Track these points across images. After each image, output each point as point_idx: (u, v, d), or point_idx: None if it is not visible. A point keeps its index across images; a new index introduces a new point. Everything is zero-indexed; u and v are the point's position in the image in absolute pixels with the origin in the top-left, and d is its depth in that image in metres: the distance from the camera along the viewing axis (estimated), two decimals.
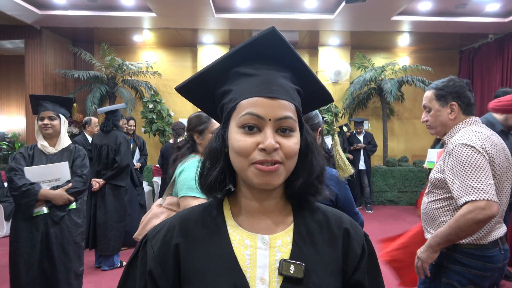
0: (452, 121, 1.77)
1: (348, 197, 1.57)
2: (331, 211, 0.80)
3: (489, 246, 1.63)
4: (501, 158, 1.65)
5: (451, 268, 1.65)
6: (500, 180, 1.64)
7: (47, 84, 7.07)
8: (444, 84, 1.79)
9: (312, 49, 8.06)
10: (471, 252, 1.62)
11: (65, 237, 2.57)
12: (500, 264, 1.65)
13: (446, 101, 1.77)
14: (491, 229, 1.63)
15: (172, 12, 5.89)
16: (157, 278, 0.71)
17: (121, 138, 3.96)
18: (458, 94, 1.75)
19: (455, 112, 1.76)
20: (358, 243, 0.76)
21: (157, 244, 0.73)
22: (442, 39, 7.38)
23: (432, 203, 1.75)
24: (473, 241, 1.62)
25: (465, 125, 1.74)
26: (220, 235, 0.72)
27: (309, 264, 0.70)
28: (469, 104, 1.76)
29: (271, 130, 0.67)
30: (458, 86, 1.76)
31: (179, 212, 0.80)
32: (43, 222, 2.51)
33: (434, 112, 1.81)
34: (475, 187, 1.52)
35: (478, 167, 1.55)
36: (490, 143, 1.62)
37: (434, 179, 1.74)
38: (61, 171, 2.61)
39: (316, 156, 0.75)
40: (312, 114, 1.55)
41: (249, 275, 0.68)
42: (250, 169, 0.68)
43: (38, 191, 2.47)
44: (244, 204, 0.75)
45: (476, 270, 1.61)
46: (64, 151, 2.68)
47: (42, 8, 6.00)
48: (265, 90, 0.68)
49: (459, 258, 1.63)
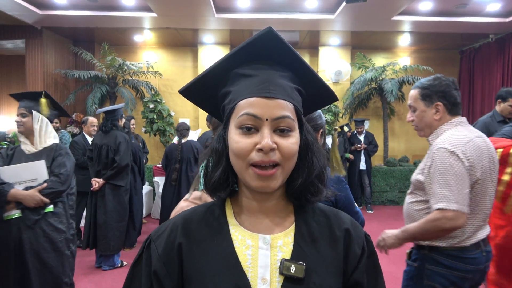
0: (437, 122, 1.73)
1: (348, 197, 1.57)
2: (332, 211, 0.80)
3: (470, 248, 1.62)
4: (484, 161, 1.62)
5: (433, 270, 1.64)
6: (482, 183, 1.62)
7: (48, 84, 7.08)
8: (429, 83, 1.75)
9: (312, 49, 8.06)
10: (452, 254, 1.61)
11: (40, 244, 2.31)
12: (481, 266, 1.64)
13: (432, 101, 1.73)
14: (473, 232, 1.62)
15: (173, 12, 5.90)
16: (162, 278, 0.71)
17: (121, 138, 3.95)
18: (443, 93, 1.71)
19: (440, 112, 1.72)
20: (358, 243, 0.76)
21: (161, 245, 0.73)
22: (442, 39, 7.37)
23: (413, 204, 1.74)
24: (454, 243, 1.61)
25: (450, 126, 1.71)
26: (222, 235, 0.72)
27: (310, 264, 0.70)
28: (455, 104, 1.72)
29: (268, 130, 0.67)
30: (444, 85, 1.71)
31: (182, 212, 0.80)
32: (16, 227, 2.27)
33: (419, 113, 1.77)
34: (447, 195, 1.53)
35: (454, 175, 1.54)
36: (473, 147, 1.59)
37: (415, 180, 1.73)
38: (38, 171, 2.38)
39: (316, 155, 0.75)
40: (314, 115, 1.55)
41: (250, 275, 0.69)
42: (248, 171, 0.68)
43: (8, 192, 2.23)
44: (246, 204, 0.75)
45: (458, 271, 1.60)
46: (45, 150, 2.46)
47: (42, 8, 6.01)
48: (262, 90, 0.68)
49: (440, 259, 1.62)
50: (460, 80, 8.27)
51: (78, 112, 7.69)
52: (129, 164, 4.02)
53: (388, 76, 7.39)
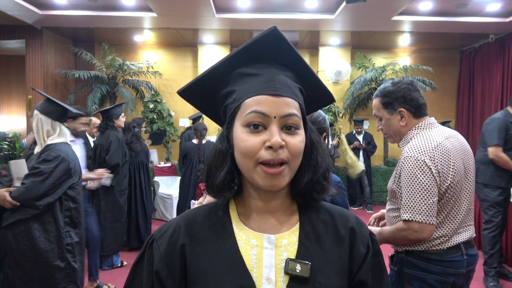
0: (404, 128, 1.69)
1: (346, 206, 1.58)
2: (337, 210, 0.80)
3: (449, 251, 1.58)
4: (457, 163, 1.57)
5: (411, 273, 1.61)
6: (456, 186, 1.57)
7: (48, 84, 7.07)
8: (388, 90, 1.70)
9: (312, 49, 8.05)
10: (430, 257, 1.58)
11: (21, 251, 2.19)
12: (462, 270, 1.58)
13: (394, 108, 1.68)
14: (451, 235, 1.58)
15: (173, 12, 5.89)
16: (164, 278, 0.71)
17: (112, 137, 3.96)
18: (404, 98, 1.66)
19: (405, 118, 1.67)
20: (363, 242, 0.76)
21: (163, 245, 0.73)
22: (442, 39, 7.37)
23: (390, 211, 1.73)
24: (430, 247, 1.58)
25: (418, 130, 1.66)
26: (226, 235, 0.72)
27: (315, 263, 0.70)
28: (418, 106, 1.67)
29: (276, 128, 0.67)
30: (403, 90, 1.67)
31: (185, 212, 0.80)
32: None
33: (385, 121, 1.73)
34: (412, 206, 1.52)
35: (420, 185, 1.51)
36: (441, 152, 1.55)
37: (390, 188, 1.71)
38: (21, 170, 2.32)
39: (321, 154, 0.74)
40: (319, 118, 1.55)
41: (255, 274, 0.68)
42: (256, 170, 0.67)
43: None
44: (250, 204, 0.75)
45: (436, 275, 1.57)
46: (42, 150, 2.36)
47: (42, 8, 6.00)
48: (269, 88, 0.68)
49: (417, 263, 1.59)
50: (460, 80, 8.28)
51: None
52: (120, 164, 3.97)
53: (388, 76, 7.39)
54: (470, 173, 1.66)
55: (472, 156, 1.70)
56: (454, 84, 8.37)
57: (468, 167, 1.65)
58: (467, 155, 1.66)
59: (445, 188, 1.55)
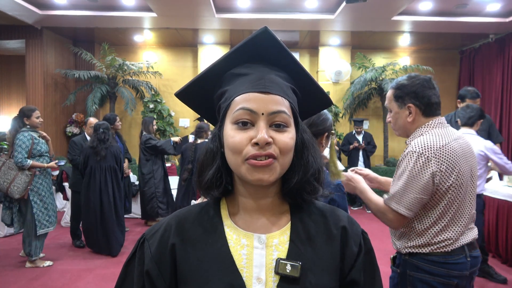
0: (410, 124, 1.65)
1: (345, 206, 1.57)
2: (329, 208, 0.80)
3: (453, 253, 1.56)
4: (462, 165, 1.55)
5: (415, 276, 1.59)
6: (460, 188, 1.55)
7: (48, 84, 7.08)
8: (401, 84, 1.65)
9: (312, 49, 8.06)
10: (433, 259, 1.56)
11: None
12: (466, 271, 1.56)
13: (404, 102, 1.63)
14: (457, 237, 1.57)
15: (173, 12, 5.90)
16: (155, 278, 0.71)
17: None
18: (415, 94, 1.60)
19: (413, 114, 1.62)
20: (355, 241, 0.76)
21: (154, 244, 0.73)
22: (442, 39, 7.37)
23: None
24: (434, 249, 1.56)
25: (428, 128, 1.61)
26: (217, 234, 0.72)
27: (306, 263, 0.69)
28: (429, 104, 1.61)
29: (264, 124, 0.67)
30: (417, 85, 1.61)
31: (177, 211, 0.80)
32: None
33: (394, 114, 1.70)
34: (401, 198, 1.54)
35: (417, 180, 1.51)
36: (447, 151, 1.52)
37: None
38: None
39: (312, 154, 0.74)
40: (321, 118, 1.54)
41: (245, 274, 0.68)
42: (244, 165, 0.67)
43: None
44: (241, 203, 0.75)
45: (440, 277, 1.55)
46: None
47: (42, 8, 6.01)
48: (258, 85, 0.68)
49: (421, 265, 1.58)
50: (460, 80, 8.27)
51: (78, 112, 7.70)
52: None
53: (388, 76, 7.39)
54: (474, 176, 1.65)
55: (475, 159, 1.68)
56: (454, 84, 8.36)
57: (474, 170, 1.64)
58: (473, 158, 1.65)
59: (445, 188, 1.53)
